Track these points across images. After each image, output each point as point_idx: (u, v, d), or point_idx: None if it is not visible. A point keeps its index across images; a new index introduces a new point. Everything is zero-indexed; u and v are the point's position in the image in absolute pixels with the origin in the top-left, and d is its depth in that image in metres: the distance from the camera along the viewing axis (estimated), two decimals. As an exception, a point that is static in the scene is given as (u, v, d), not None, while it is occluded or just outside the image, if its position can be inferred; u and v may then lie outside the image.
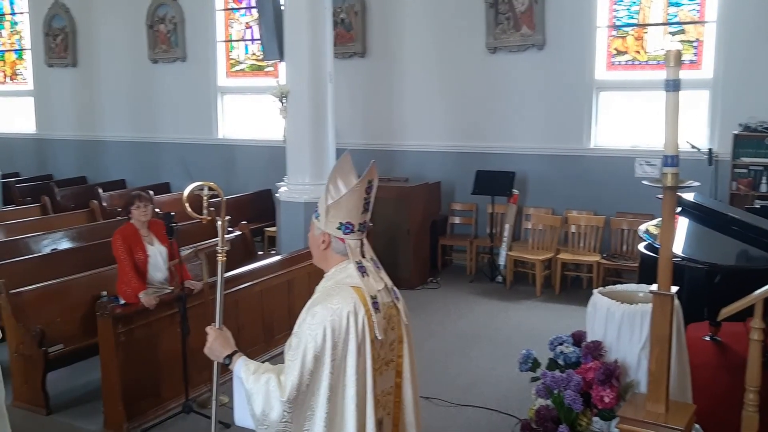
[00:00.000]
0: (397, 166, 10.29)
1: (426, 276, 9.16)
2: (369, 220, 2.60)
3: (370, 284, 2.49)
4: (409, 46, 10.21)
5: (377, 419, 2.43)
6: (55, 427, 5.27)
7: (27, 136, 14.50)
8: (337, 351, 2.34)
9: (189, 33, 12.10)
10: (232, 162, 12.02)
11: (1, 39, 15.00)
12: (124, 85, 12.93)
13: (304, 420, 2.36)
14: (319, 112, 8.06)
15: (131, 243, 5.55)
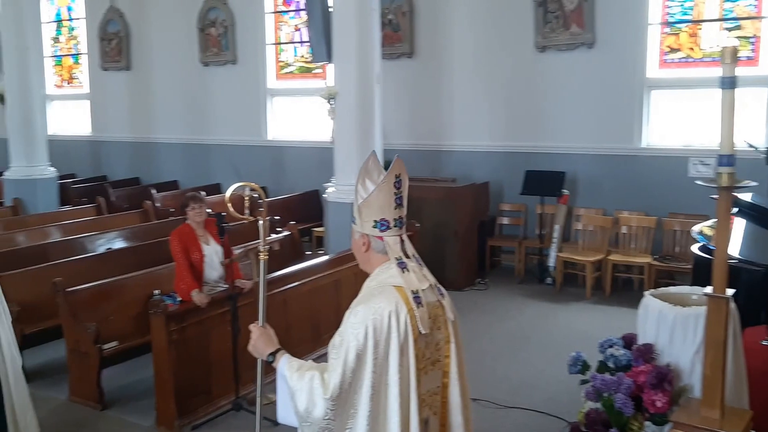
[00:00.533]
0: (444, 166, 10.26)
1: (474, 277, 9.11)
2: (405, 215, 2.57)
3: (412, 280, 2.46)
4: (456, 45, 10.18)
5: (422, 418, 2.43)
6: (110, 423, 5.40)
7: (83, 138, 14.91)
8: (379, 350, 2.35)
9: (239, 36, 12.28)
10: (281, 163, 12.15)
11: (59, 44, 15.46)
12: (177, 88, 13.19)
13: (347, 418, 2.36)
14: (366, 113, 8.08)
15: (187, 243, 5.66)
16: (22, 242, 8.35)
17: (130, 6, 13.64)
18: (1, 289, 4.49)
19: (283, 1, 12.12)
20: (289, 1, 12.08)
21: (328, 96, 8.20)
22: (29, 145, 10.97)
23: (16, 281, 6.37)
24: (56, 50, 15.47)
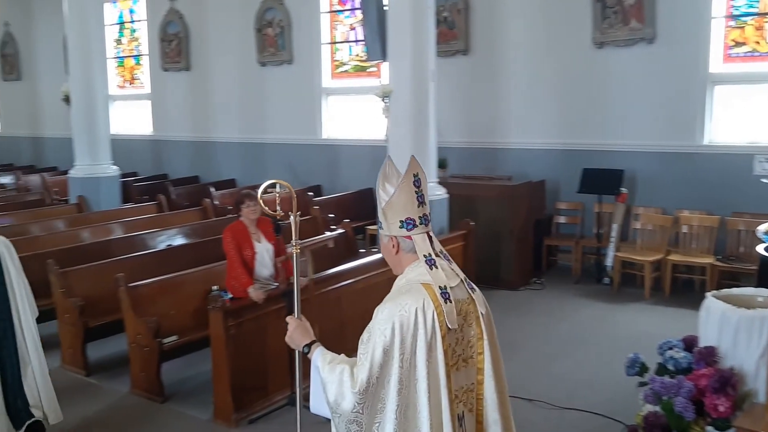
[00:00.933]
0: (499, 164, 10.18)
1: (529, 276, 9.00)
2: (428, 212, 2.63)
3: (440, 276, 2.49)
4: (512, 42, 10.08)
5: (455, 414, 2.45)
6: (169, 415, 5.53)
7: (144, 138, 15.31)
8: (406, 346, 2.38)
9: (295, 36, 12.42)
10: (335, 161, 12.24)
11: (122, 45, 15.90)
12: (234, 88, 13.42)
13: (376, 412, 2.40)
14: (421, 110, 8.07)
15: (240, 240, 5.75)
16: (87, 239, 8.62)
17: (189, 7, 13.94)
18: (28, 285, 4.77)
19: (339, 1, 12.21)
20: (345, 1, 12.15)
21: (383, 94, 8.22)
22: (93, 144, 11.27)
23: (81, 276, 6.60)
24: (119, 52, 15.92)
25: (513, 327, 7.34)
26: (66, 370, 6.41)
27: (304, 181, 12.38)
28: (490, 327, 2.64)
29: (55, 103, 13.76)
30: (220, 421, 5.30)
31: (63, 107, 11.95)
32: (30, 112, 18.14)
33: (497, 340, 2.68)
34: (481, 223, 8.30)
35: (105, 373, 6.32)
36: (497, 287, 8.60)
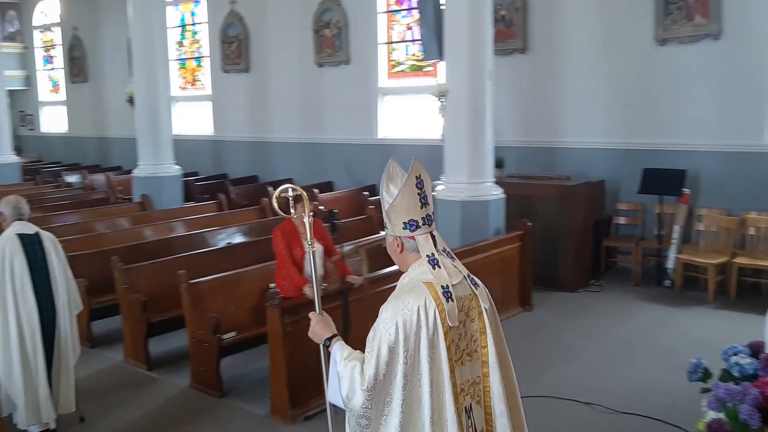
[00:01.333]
0: (557, 164, 10.04)
1: (587, 278, 8.85)
2: (432, 212, 2.70)
3: (442, 275, 2.57)
4: (572, 40, 9.93)
5: (462, 407, 2.55)
6: (228, 410, 5.63)
7: (205, 138, 15.63)
8: (409, 343, 2.47)
9: (352, 36, 12.49)
10: (392, 161, 12.25)
11: (183, 48, 16.27)
12: (292, 89, 13.58)
13: (384, 406, 2.50)
14: (477, 110, 8.02)
15: (290, 239, 5.81)
16: (149, 236, 8.86)
17: (249, 9, 14.17)
18: (73, 279, 5.27)
19: (396, 1, 12.23)
20: (402, 0, 12.17)
21: (439, 94, 8.20)
22: (156, 144, 11.57)
23: (143, 273, 6.78)
24: (180, 54, 16.29)
25: (570, 329, 7.24)
26: (128, 365, 6.59)
27: (360, 180, 12.44)
28: (495, 321, 2.70)
29: (120, 104, 14.17)
30: (276, 417, 5.37)
31: (127, 108, 12.30)
32: (96, 113, 18.73)
33: (503, 334, 2.75)
34: (538, 224, 8.20)
35: (166, 367, 6.47)
36: (554, 289, 8.49)
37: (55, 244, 5.14)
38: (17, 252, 4.86)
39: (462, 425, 2.52)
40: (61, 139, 20.33)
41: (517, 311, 7.76)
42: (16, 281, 4.85)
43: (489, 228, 8.03)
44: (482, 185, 8.13)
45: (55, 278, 5.04)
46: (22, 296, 4.87)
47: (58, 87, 20.57)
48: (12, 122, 17.27)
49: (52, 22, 20.17)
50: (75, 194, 13.14)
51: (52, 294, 5.00)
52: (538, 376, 6.02)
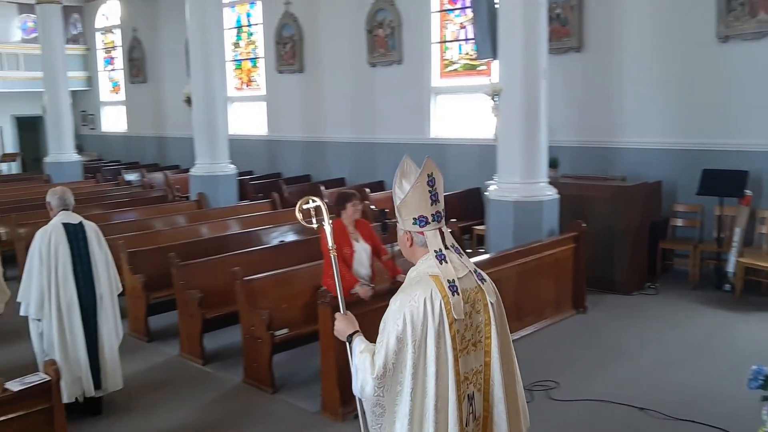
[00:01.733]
0: (613, 164, 9.87)
1: (643, 281, 8.67)
2: (443, 209, 2.80)
3: (448, 270, 2.67)
4: (629, 38, 9.74)
5: (465, 394, 2.66)
6: (279, 406, 5.70)
7: (260, 138, 15.86)
8: (417, 333, 2.59)
9: (405, 36, 12.51)
10: (443, 160, 12.21)
11: (239, 48, 16.54)
12: (345, 89, 13.67)
13: (396, 395, 2.62)
14: (531, 109, 7.94)
15: (339, 239, 5.83)
16: (205, 233, 9.04)
17: (303, 10, 14.32)
18: (113, 265, 5.64)
19: (449, 0, 12.19)
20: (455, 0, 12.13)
21: (493, 93, 8.14)
22: (212, 143, 11.80)
23: (199, 270, 6.92)
24: (236, 55, 16.56)
25: (625, 332, 7.10)
26: (184, 359, 6.74)
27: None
28: (501, 315, 2.80)
29: (178, 104, 14.48)
30: (327, 414, 5.41)
31: (184, 108, 12.56)
32: (154, 112, 19.19)
33: (507, 327, 2.83)
34: (593, 225, 8.07)
35: (220, 362, 6.60)
36: (609, 291, 8.34)
37: (97, 233, 5.52)
38: (61, 240, 5.25)
39: (462, 412, 2.63)
40: (121, 138, 20.90)
41: (570, 314, 7.66)
42: (59, 267, 5.23)
43: (542, 229, 7.94)
44: (536, 185, 8.05)
45: (96, 265, 5.40)
46: (64, 281, 5.24)
47: (118, 87, 21.15)
48: (74, 122, 17.81)
49: (113, 24, 20.75)
50: (134, 192, 13.50)
51: (93, 280, 5.37)
52: (591, 380, 5.93)
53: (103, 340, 5.43)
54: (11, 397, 3.75)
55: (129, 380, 6.14)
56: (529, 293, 7.14)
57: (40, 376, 3.90)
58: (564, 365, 6.27)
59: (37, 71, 17.19)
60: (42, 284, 5.22)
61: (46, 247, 5.22)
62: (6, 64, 19.88)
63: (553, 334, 7.14)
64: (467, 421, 2.66)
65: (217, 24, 11.93)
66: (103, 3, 20.79)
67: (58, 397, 3.92)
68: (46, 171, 16.22)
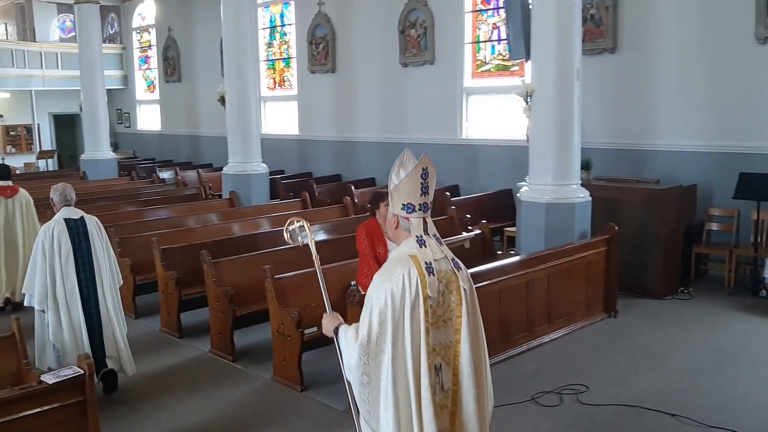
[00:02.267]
0: (647, 166, 9.75)
1: (676, 286, 8.54)
2: (430, 201, 3.10)
3: (426, 253, 3.01)
4: (664, 39, 9.61)
5: (433, 364, 2.96)
6: (308, 404, 5.73)
7: (291, 137, 15.96)
8: (396, 306, 2.92)
9: (438, 36, 12.49)
10: (474, 161, 12.19)
11: (272, 49, 16.66)
12: (377, 89, 13.69)
13: (379, 363, 2.94)
14: (564, 110, 7.87)
15: (374, 238, 5.84)
16: (237, 231, 9.12)
17: (336, 10, 14.38)
18: (114, 258, 6.02)
19: (483, 0, 12.14)
20: (489, 0, 12.08)
21: (525, 93, 8.09)
22: (245, 143, 11.90)
23: (231, 267, 6.98)
24: (270, 55, 16.68)
25: (657, 337, 7.01)
26: (214, 355, 6.80)
27: (442, 180, 12.33)
28: (473, 302, 3.12)
29: (211, 103, 14.65)
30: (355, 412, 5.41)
31: (218, 107, 12.69)
32: (188, 111, 19.41)
33: (479, 314, 3.15)
34: (625, 228, 7.98)
35: (249, 359, 6.65)
36: (641, 295, 8.24)
37: (98, 227, 5.85)
38: (63, 234, 5.57)
39: (431, 381, 2.94)
40: (155, 137, 21.19)
41: (601, 317, 7.58)
42: (62, 259, 5.56)
43: (574, 231, 7.87)
44: (568, 187, 7.98)
45: (97, 258, 5.72)
46: (66, 273, 5.57)
47: (153, 86, 21.44)
48: (110, 120, 18.10)
49: (149, 24, 21.05)
50: (168, 190, 13.66)
51: (94, 272, 5.69)
52: (621, 384, 5.87)
53: (107, 329, 5.72)
54: (46, 389, 3.83)
55: (160, 375, 6.24)
56: (560, 296, 7.08)
57: (74, 369, 3.98)
58: (594, 369, 6.21)
59: (75, 70, 17.54)
60: (45, 277, 5.55)
61: (49, 242, 5.55)
62: (45, 63, 20.29)
63: (584, 337, 7.07)
64: (435, 389, 2.96)
65: (251, 24, 12.03)
66: (140, 3, 21.10)
67: (91, 390, 3.99)
68: (82, 168, 16.51)
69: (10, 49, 19.74)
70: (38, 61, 20.16)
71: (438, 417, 2.96)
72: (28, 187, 9.22)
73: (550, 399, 5.60)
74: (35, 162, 20.99)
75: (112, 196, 12.63)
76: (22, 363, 4.57)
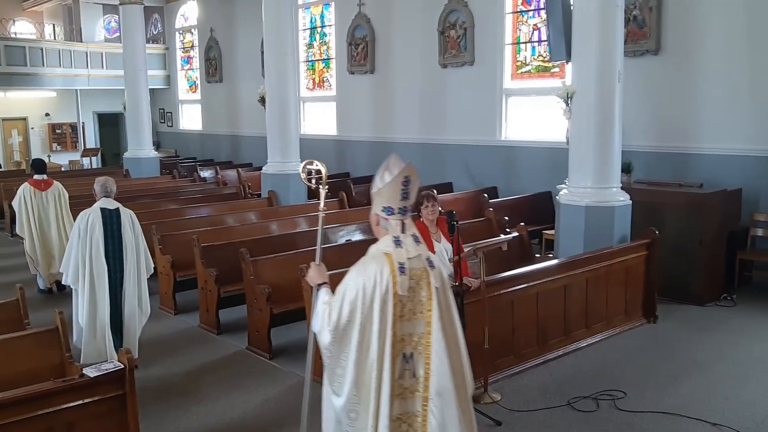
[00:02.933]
0: (690, 170, 9.56)
1: (719, 292, 8.36)
2: (410, 205, 3.40)
3: (401, 253, 3.29)
4: (710, 40, 9.42)
5: (401, 352, 3.27)
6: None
7: (329, 138, 16.03)
8: (366, 299, 3.22)
9: (478, 37, 12.43)
10: (513, 163, 12.10)
11: (312, 49, 16.77)
12: (415, 90, 13.69)
13: (345, 345, 3.26)
14: (605, 112, 7.77)
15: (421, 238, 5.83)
16: (275, 231, 9.20)
17: (376, 11, 14.41)
18: (146, 249, 6.49)
19: (523, 1, 12.05)
20: (530, 1, 11.98)
21: (566, 95, 8.01)
22: (284, 143, 12.00)
23: (269, 266, 7.05)
24: (309, 55, 16.79)
25: (697, 344, 6.88)
26: (251, 353, 6.87)
27: (480, 182, 12.37)
28: (446, 298, 3.39)
29: (251, 103, 14.80)
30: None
31: (258, 108, 12.81)
32: (229, 111, 19.65)
33: (452, 308, 3.43)
34: (666, 233, 7.85)
35: (286, 357, 6.70)
36: (682, 301, 8.09)
37: (132, 218, 6.35)
38: (98, 222, 6.14)
39: (395, 366, 3.25)
40: (197, 136, 21.48)
41: (640, 323, 7.46)
42: (93, 245, 6.11)
43: (614, 235, 7.77)
44: (608, 190, 7.88)
45: (126, 247, 6.22)
46: (97, 257, 6.11)
47: (194, 86, 21.75)
48: (152, 119, 18.41)
49: (191, 25, 21.36)
50: (208, 188, 13.84)
51: (122, 259, 6.20)
52: (660, 392, 5.77)
53: (127, 312, 6.25)
54: (88, 382, 3.91)
55: (198, 371, 6.33)
56: (599, 300, 7.00)
57: (115, 363, 4.05)
58: (632, 375, 6.12)
59: (119, 69, 17.89)
60: (78, 258, 6.12)
61: (84, 227, 6.13)
62: (90, 63, 20.73)
63: (622, 342, 6.97)
64: (401, 374, 3.28)
65: (291, 25, 12.13)
66: (183, 4, 21.42)
67: (131, 384, 4.06)
68: (125, 166, 16.82)
69: (57, 49, 20.22)
70: (84, 61, 20.61)
71: (405, 398, 3.29)
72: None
73: (587, 404, 5.53)
74: (80, 159, 21.47)
75: (154, 194, 12.85)
76: (65, 356, 4.68)
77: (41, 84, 19.99)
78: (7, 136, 21.90)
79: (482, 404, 5.46)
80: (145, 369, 6.23)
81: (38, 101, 21.90)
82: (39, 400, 3.76)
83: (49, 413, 3.79)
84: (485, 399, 5.56)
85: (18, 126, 22.09)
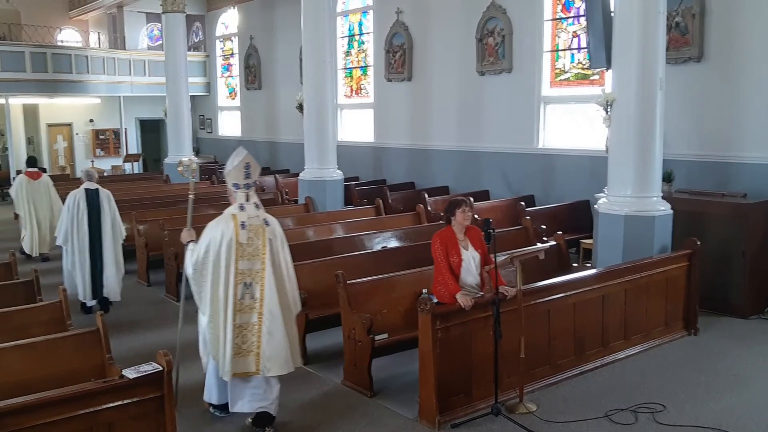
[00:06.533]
0: (733, 179, 9.35)
1: (763, 305, 8.15)
2: (252, 182, 5.22)
3: (243, 215, 5.10)
4: (754, 48, 9.22)
5: (242, 281, 5.07)
6: (377, 410, 5.75)
7: (366, 145, 16.09)
8: (215, 245, 5.05)
9: (516, 44, 12.37)
10: (551, 172, 12.00)
11: (350, 57, 16.86)
12: (453, 97, 13.66)
13: (204, 276, 5.09)
14: (646, 120, 7.67)
15: (448, 246, 5.82)
16: (311, 236, 9.26)
17: (414, 19, 14.44)
18: (120, 221, 8.84)
19: (563, 8, 11.97)
20: (569, 8, 11.89)
21: (605, 103, 7.92)
22: (321, 149, 12.07)
23: (305, 271, 7.06)
24: (347, 63, 16.88)
25: (739, 357, 6.72)
26: (287, 357, 6.89)
27: (517, 190, 12.28)
28: (277, 245, 5.24)
29: (290, 110, 14.94)
30: (424, 421, 5.41)
31: (296, 114, 12.93)
32: (267, 118, 19.86)
33: (281, 253, 5.26)
34: (708, 243, 7.70)
35: (321, 363, 6.73)
36: (724, 313, 7.92)
37: (109, 197, 8.58)
38: (82, 198, 8.39)
39: (237, 290, 5.05)
40: (236, 142, 21.61)
41: (681, 335, 7.32)
42: (79, 215, 8.37)
43: (654, 245, 7.64)
44: (648, 200, 7.77)
45: (104, 217, 8.46)
46: (80, 224, 8.38)
47: (234, 93, 22.03)
48: (193, 125, 18.69)
49: (231, 33, 21.65)
50: (246, 194, 13.93)
51: (100, 226, 8.44)
52: (701, 405, 5.65)
53: (104, 266, 8.45)
54: (127, 384, 3.97)
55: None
56: (638, 312, 6.88)
57: (154, 365, 4.11)
58: (672, 388, 6.00)
59: (161, 77, 18.22)
60: (67, 225, 8.38)
61: (73, 202, 8.39)
62: (133, 70, 21.15)
63: (662, 355, 6.84)
64: (242, 295, 5.06)
65: (330, 33, 12.19)
66: (224, 12, 21.72)
67: (169, 386, 4.12)
68: (165, 171, 17.08)
69: (102, 57, 20.68)
70: (127, 69, 21.04)
71: (244, 312, 5.07)
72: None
73: (625, 417, 5.45)
74: (122, 165, 21.89)
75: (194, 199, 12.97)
76: (105, 357, 4.77)
77: (86, 91, 20.45)
78: (53, 142, 22.45)
79: (518, 414, 5.41)
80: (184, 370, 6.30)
81: (83, 108, 22.42)
82: (80, 400, 3.83)
83: (89, 413, 3.85)
84: (521, 409, 5.51)
85: (63, 132, 22.64)
